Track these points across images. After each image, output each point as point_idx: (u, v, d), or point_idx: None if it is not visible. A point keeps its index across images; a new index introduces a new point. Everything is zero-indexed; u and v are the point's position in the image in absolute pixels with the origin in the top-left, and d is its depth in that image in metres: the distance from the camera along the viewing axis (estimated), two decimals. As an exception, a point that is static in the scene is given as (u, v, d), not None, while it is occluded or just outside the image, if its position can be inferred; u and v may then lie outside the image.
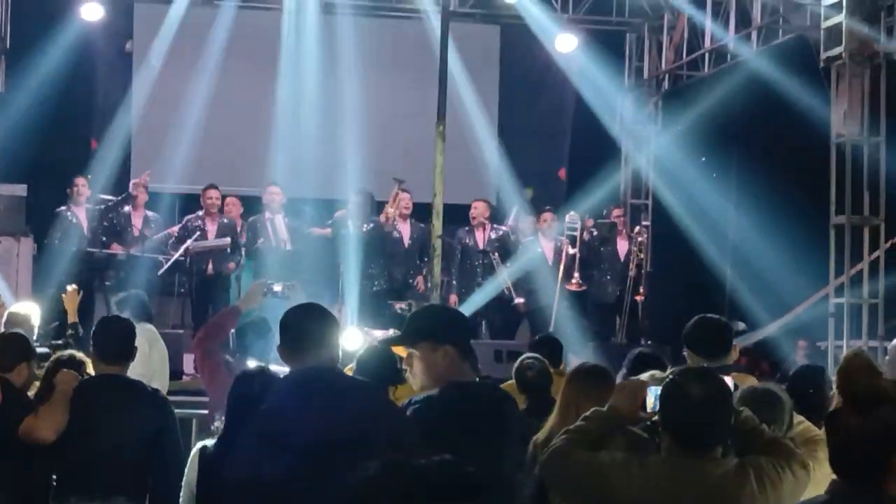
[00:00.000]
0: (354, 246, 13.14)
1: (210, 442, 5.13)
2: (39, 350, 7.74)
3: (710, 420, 3.89)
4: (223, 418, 5.02)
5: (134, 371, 6.19)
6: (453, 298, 13.30)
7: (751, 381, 5.38)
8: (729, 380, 4.12)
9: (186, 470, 5.14)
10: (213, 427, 5.43)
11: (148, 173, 14.01)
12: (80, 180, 13.52)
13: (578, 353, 11.59)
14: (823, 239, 12.22)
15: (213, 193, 13.64)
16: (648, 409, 4.07)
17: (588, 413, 4.21)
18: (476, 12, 16.24)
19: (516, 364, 6.98)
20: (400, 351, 4.60)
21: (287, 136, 15.91)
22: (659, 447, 4.00)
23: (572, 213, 14.06)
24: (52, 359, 6.32)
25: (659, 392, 4.00)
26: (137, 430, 5.63)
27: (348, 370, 6.79)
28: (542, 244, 13.98)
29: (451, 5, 12.78)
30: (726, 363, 5.50)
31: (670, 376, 4.04)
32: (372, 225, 13.53)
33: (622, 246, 14.28)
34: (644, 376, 4.39)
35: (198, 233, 13.29)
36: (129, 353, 5.87)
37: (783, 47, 13.92)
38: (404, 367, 4.51)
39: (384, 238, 13.55)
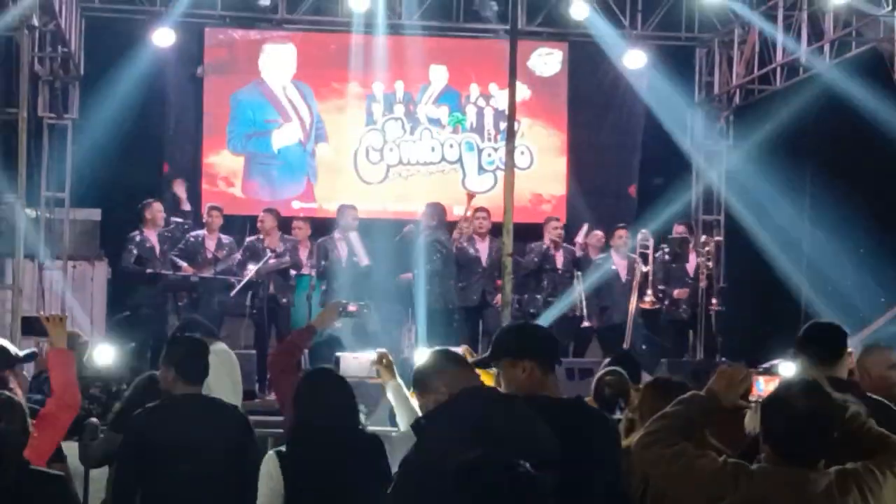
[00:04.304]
0: (423, 261, 13.15)
1: (281, 448, 5.24)
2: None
3: (815, 434, 3.83)
4: None
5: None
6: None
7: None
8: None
9: (263, 478, 5.18)
10: None
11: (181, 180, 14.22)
12: (155, 204, 13.64)
13: (651, 371, 11.48)
14: (901, 252, 12.04)
15: (263, 216, 13.72)
16: (751, 399, 4.01)
17: (685, 396, 4.15)
18: (544, 30, 16.21)
19: (595, 378, 6.92)
20: (486, 377, 4.64)
21: (360, 156, 15.99)
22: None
23: (644, 231, 13.95)
24: (136, 379, 6.38)
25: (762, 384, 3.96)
26: (220, 447, 5.63)
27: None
28: (615, 261, 13.88)
29: (519, 24, 12.75)
30: (837, 372, 5.34)
31: (775, 386, 3.98)
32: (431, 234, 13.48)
33: (691, 261, 14.14)
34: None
35: (268, 253, 13.35)
36: (206, 371, 5.89)
37: (856, 60, 13.75)
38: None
39: (451, 255, 13.48)
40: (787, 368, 9.53)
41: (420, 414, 5.59)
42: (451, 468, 3.32)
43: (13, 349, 5.94)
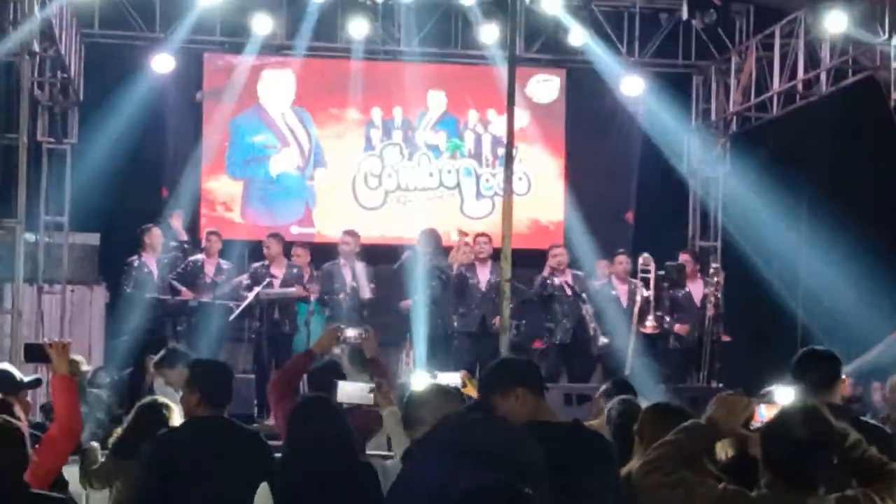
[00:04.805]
0: (422, 287, 13.18)
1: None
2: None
3: (814, 460, 3.85)
4: None
5: None
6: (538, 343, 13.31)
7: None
8: None
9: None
10: None
11: (179, 212, 14.28)
12: (155, 229, 13.69)
13: (649, 397, 11.49)
14: (898, 279, 12.08)
15: (269, 242, 13.73)
16: (753, 427, 4.03)
17: (686, 424, 4.16)
18: (542, 57, 16.29)
19: (608, 406, 6.92)
20: None
21: (358, 181, 16.05)
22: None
23: (645, 255, 13.98)
24: (138, 404, 6.40)
25: (764, 412, 3.98)
26: (241, 471, 5.62)
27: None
28: (615, 287, 13.92)
29: (517, 50, 12.80)
30: (832, 398, 5.38)
31: (776, 413, 4.00)
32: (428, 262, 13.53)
33: (696, 289, 14.17)
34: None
35: (267, 279, 13.38)
36: (230, 396, 5.92)
37: (853, 88, 13.81)
38: None
39: (449, 281, 13.52)
40: (784, 394, 9.56)
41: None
42: (455, 494, 3.35)
43: (18, 375, 5.99)
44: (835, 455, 3.92)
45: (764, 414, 4.10)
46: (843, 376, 5.73)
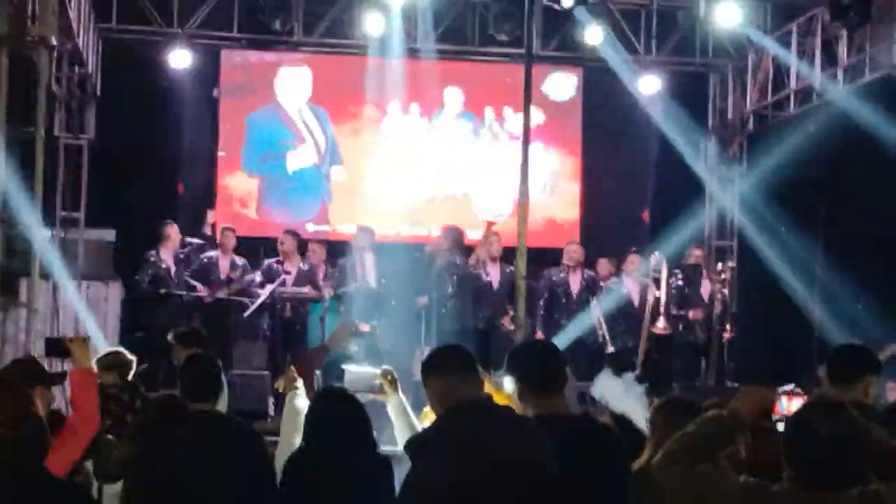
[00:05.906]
0: (440, 284, 13.19)
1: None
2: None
3: (837, 458, 3.76)
4: None
5: None
6: (538, 335, 13.30)
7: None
8: None
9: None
10: None
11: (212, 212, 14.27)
12: (175, 225, 13.72)
13: (661, 396, 11.46)
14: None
15: (284, 238, 13.75)
16: (775, 418, 3.98)
17: (708, 415, 4.12)
18: (559, 55, 16.26)
19: None
20: (498, 398, 4.67)
21: (374, 179, 16.06)
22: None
23: (657, 254, 13.94)
24: (154, 397, 6.43)
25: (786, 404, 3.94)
26: (232, 466, 5.55)
27: None
28: (627, 286, 13.88)
29: (533, 48, 12.81)
30: (856, 394, 5.26)
31: (799, 407, 3.94)
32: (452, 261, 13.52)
33: (705, 287, 14.15)
34: None
35: (282, 276, 13.41)
36: (218, 388, 5.85)
37: (870, 86, 13.76)
38: None
39: (466, 278, 13.53)
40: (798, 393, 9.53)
41: (419, 428, 5.67)
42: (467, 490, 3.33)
43: (44, 367, 6.06)
44: (858, 452, 3.82)
45: (785, 406, 4.06)
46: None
